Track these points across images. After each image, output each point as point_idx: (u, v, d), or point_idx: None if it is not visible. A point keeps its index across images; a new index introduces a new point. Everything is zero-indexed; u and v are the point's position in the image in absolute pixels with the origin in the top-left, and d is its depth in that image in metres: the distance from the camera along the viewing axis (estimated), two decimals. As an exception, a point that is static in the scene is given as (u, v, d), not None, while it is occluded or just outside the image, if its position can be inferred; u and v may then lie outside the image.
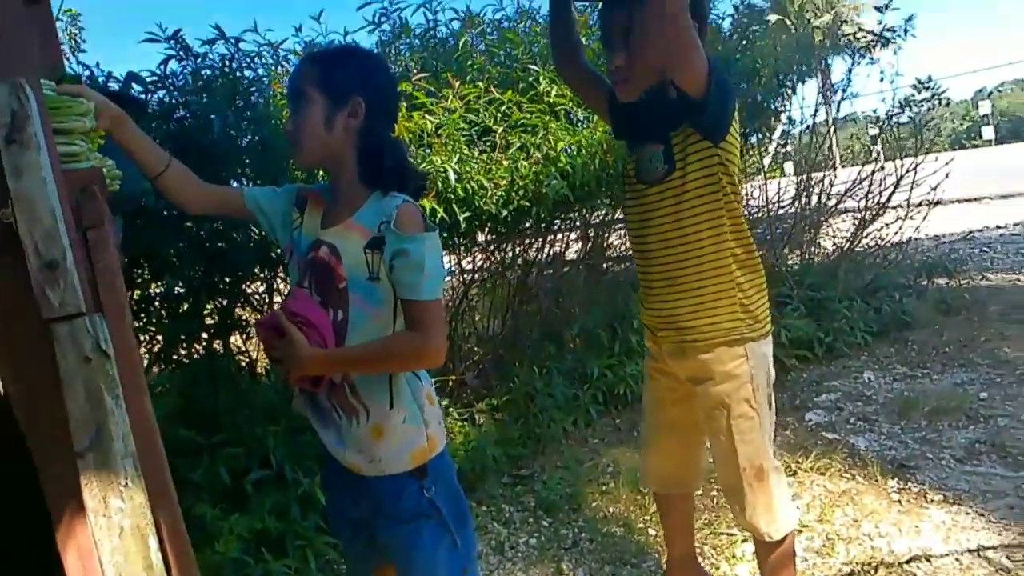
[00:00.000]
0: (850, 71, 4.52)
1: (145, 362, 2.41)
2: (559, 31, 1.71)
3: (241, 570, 2.15)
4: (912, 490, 2.32)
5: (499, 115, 2.83)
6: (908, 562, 1.94)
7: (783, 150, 5.88)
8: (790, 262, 4.67)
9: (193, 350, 2.67)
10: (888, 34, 4.17)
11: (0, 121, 0.92)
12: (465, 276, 3.66)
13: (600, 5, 1.58)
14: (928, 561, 1.93)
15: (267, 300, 2.86)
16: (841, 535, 2.13)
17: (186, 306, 2.55)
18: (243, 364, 2.88)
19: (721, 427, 1.52)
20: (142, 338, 2.41)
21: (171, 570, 1.01)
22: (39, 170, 0.94)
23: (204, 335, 2.68)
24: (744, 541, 2.10)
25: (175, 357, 2.53)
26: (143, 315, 2.43)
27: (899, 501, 2.27)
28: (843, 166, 8.24)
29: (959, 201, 6.97)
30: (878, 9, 4.19)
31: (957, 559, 1.92)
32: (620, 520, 2.44)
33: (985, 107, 37.82)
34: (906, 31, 4.33)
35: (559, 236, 3.86)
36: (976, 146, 32.97)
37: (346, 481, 1.40)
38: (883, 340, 3.86)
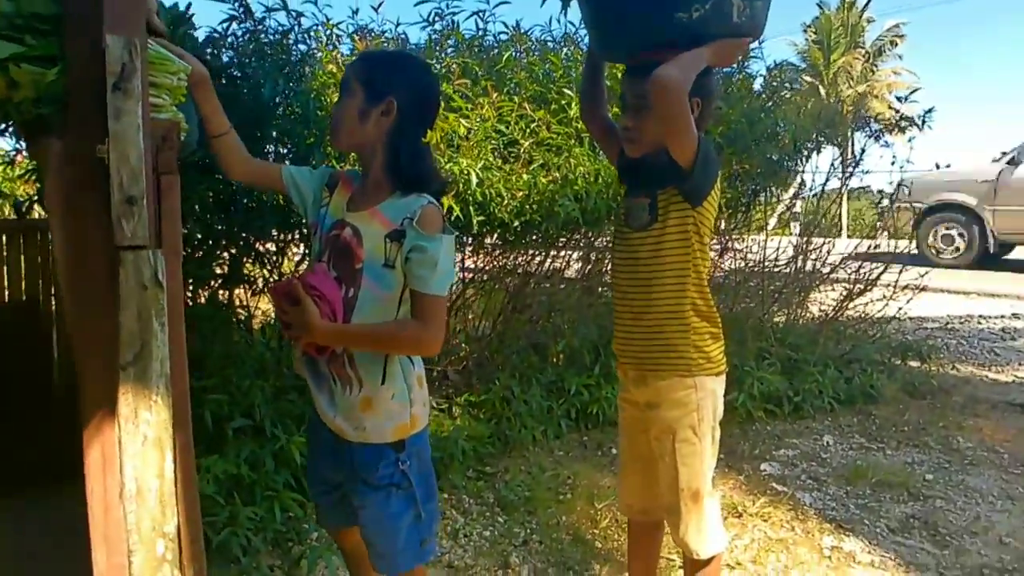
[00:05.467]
0: (863, 149, 4.70)
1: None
2: (588, 87, 1.92)
3: (210, 508, 2.27)
4: (843, 549, 2.47)
5: (528, 130, 2.99)
6: (825, 612, 2.09)
7: (791, 211, 6.07)
8: (776, 319, 4.83)
9: (198, 295, 2.81)
10: (904, 122, 4.36)
11: (111, 70, 1.06)
12: (466, 275, 3.81)
13: (624, 69, 1.77)
14: (844, 614, 2.09)
15: (278, 261, 3.00)
16: (770, 578, 2.28)
17: (201, 253, 2.68)
18: (242, 318, 3.01)
19: (667, 449, 1.68)
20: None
21: (178, 483, 1.15)
22: (135, 117, 1.08)
23: (212, 283, 2.81)
24: (680, 567, 2.24)
25: (180, 298, 2.66)
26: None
27: (829, 557, 2.42)
28: (849, 236, 8.51)
29: (947, 291, 7.17)
30: (899, 98, 4.37)
31: (870, 617, 2.07)
32: (571, 529, 2.58)
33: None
34: (924, 122, 4.51)
35: (562, 253, 4.01)
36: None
37: (330, 444, 1.53)
38: (848, 409, 4.01)
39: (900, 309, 4.94)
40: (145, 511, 1.11)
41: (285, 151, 2.68)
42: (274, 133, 2.63)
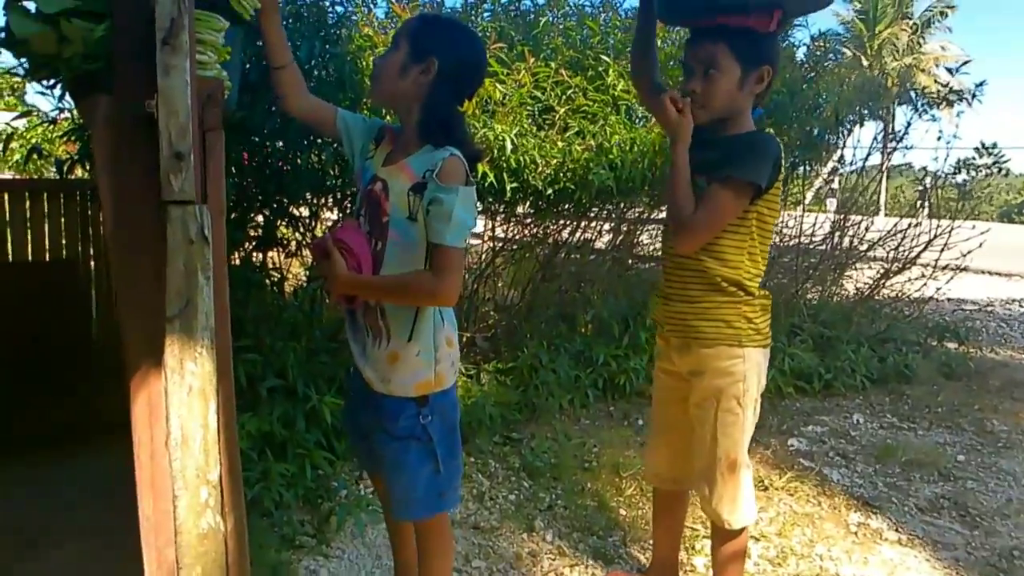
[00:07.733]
0: (909, 123, 4.57)
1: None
2: (640, 47, 1.87)
3: (245, 464, 2.33)
4: (870, 526, 2.46)
5: (564, 97, 2.95)
6: (850, 586, 2.10)
7: (829, 187, 5.95)
8: (809, 296, 4.76)
9: (233, 257, 2.85)
10: (954, 96, 4.21)
11: (161, 25, 1.07)
12: (496, 243, 3.81)
13: (688, 34, 1.71)
14: (868, 589, 2.09)
15: (311, 224, 3.03)
16: (795, 551, 2.28)
17: (235, 215, 2.72)
18: (275, 280, 3.05)
19: (708, 418, 1.67)
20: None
21: (220, 432, 1.18)
22: (183, 72, 1.09)
23: (247, 244, 2.85)
24: (705, 537, 2.26)
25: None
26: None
27: (856, 533, 2.41)
28: (887, 214, 8.31)
29: (988, 272, 7.00)
30: (949, 70, 4.24)
31: (895, 593, 2.07)
32: (595, 496, 2.60)
33: (1043, 185, 37.20)
34: (974, 95, 4.36)
35: (593, 224, 3.99)
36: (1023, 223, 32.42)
37: (362, 392, 1.58)
38: (880, 388, 3.97)
39: (939, 289, 4.84)
40: (190, 459, 1.15)
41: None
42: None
